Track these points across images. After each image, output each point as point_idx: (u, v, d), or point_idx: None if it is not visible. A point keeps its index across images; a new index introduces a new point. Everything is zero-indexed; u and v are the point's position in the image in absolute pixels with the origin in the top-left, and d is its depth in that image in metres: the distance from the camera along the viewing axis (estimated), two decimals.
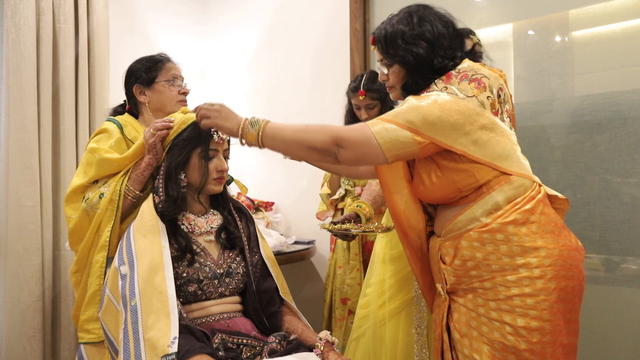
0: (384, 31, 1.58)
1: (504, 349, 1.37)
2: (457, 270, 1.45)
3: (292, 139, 1.48)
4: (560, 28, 2.51)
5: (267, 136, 1.48)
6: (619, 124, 2.30)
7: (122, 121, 1.97)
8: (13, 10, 2.70)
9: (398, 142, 1.39)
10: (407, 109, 1.42)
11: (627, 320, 2.27)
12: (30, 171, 2.73)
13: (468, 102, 1.42)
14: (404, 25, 1.54)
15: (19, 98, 2.71)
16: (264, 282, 1.82)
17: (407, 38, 1.52)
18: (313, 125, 1.48)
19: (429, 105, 1.40)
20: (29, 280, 2.72)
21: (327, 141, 1.43)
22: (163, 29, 3.64)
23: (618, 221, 2.29)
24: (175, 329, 1.44)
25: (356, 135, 1.42)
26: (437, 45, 1.52)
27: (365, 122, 1.44)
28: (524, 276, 1.36)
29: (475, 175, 1.42)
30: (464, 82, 1.46)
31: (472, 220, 1.43)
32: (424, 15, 1.55)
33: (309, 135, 1.46)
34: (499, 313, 1.38)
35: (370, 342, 1.92)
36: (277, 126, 1.50)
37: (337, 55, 3.25)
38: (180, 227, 1.74)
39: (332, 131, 1.44)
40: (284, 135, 1.48)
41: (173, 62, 2.06)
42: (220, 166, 1.78)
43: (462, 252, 1.43)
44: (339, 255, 2.76)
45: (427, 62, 1.51)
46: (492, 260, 1.39)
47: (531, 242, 1.37)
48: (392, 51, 1.55)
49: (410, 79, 1.55)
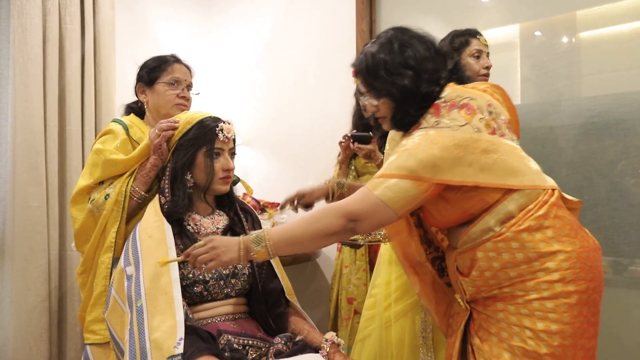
0: (364, 63, 1.52)
1: (524, 354, 1.35)
2: (475, 280, 1.43)
3: (306, 236, 1.42)
4: (568, 29, 2.50)
5: (278, 247, 1.42)
6: (628, 125, 2.28)
7: (127, 122, 1.97)
8: (19, 10, 2.71)
9: (404, 196, 1.36)
10: (404, 157, 1.38)
11: (635, 323, 2.25)
12: (37, 172, 2.73)
13: (463, 132, 1.38)
14: (385, 54, 1.48)
15: (25, 98, 2.71)
16: (270, 283, 1.82)
17: (390, 68, 1.47)
18: (317, 212, 1.43)
19: (425, 147, 1.36)
20: (36, 280, 2.72)
21: (342, 222, 1.39)
22: (169, 30, 3.64)
23: (626, 223, 2.28)
24: (181, 329, 1.44)
25: (364, 205, 1.38)
26: (422, 70, 1.46)
27: (366, 186, 1.40)
28: (542, 280, 1.34)
29: (485, 198, 1.40)
30: (453, 112, 1.42)
31: (486, 230, 1.40)
32: (404, 41, 1.49)
33: (321, 224, 1.40)
34: (518, 317, 1.36)
35: (376, 344, 1.92)
36: (282, 232, 1.43)
37: (343, 56, 3.24)
38: (186, 227, 1.74)
39: (340, 211, 1.40)
40: (294, 236, 1.42)
41: (181, 65, 2.04)
42: (226, 165, 1.77)
43: (479, 264, 1.41)
44: (345, 255, 2.78)
45: (414, 91, 1.46)
46: (510, 268, 1.37)
47: (547, 247, 1.35)
48: (377, 84, 1.50)
49: (399, 111, 1.50)
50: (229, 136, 1.77)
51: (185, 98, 2.01)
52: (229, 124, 1.79)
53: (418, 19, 3.05)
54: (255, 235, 1.44)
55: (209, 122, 1.76)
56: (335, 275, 2.83)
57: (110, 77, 3.02)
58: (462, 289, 1.49)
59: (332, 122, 3.26)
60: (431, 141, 1.36)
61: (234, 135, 1.81)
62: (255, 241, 1.43)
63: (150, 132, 1.80)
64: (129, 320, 1.52)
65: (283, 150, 3.64)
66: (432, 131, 1.39)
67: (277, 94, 3.64)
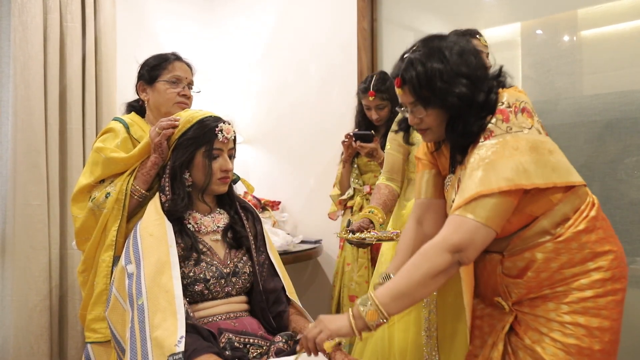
0: (413, 72, 1.41)
1: (579, 352, 1.36)
2: (529, 282, 1.42)
3: (413, 285, 1.34)
4: (569, 27, 2.49)
5: (389, 305, 1.34)
6: (629, 123, 2.28)
7: (128, 120, 1.97)
8: (20, 9, 2.71)
9: (499, 210, 1.33)
10: (494, 169, 1.34)
11: (635, 321, 2.25)
12: (37, 170, 2.74)
13: (532, 135, 1.37)
14: (437, 62, 1.39)
15: (26, 97, 2.72)
16: (271, 281, 1.82)
17: (446, 77, 1.38)
18: (416, 259, 1.35)
19: (509, 154, 1.34)
20: (37, 279, 2.73)
21: (447, 258, 1.33)
22: (170, 28, 3.64)
23: (627, 222, 2.27)
24: (182, 328, 1.44)
25: (463, 233, 1.33)
26: (475, 77, 1.41)
27: (456, 212, 1.35)
28: (596, 279, 1.37)
29: (551, 199, 1.40)
30: (519, 116, 1.40)
31: (541, 233, 1.40)
32: (453, 48, 1.42)
33: (425, 268, 1.33)
34: (572, 316, 1.37)
35: (379, 342, 1.92)
36: (388, 289, 1.35)
37: (345, 54, 3.24)
38: (187, 226, 1.74)
39: (441, 247, 1.34)
40: (400, 289, 1.34)
41: (182, 63, 2.03)
42: (224, 166, 1.75)
43: (537, 265, 1.40)
44: (347, 253, 2.80)
45: (471, 99, 1.39)
46: (566, 268, 1.39)
47: (601, 247, 1.39)
48: (429, 94, 1.41)
49: (459, 121, 1.42)
50: (229, 137, 1.76)
51: (186, 96, 2.01)
52: (229, 125, 1.77)
53: (419, 18, 3.05)
54: (361, 299, 1.37)
55: (209, 122, 1.75)
56: (338, 272, 2.85)
57: (111, 75, 3.02)
58: (506, 291, 1.48)
59: (333, 120, 3.26)
60: (512, 147, 1.34)
61: (233, 136, 1.79)
62: (362, 303, 1.36)
63: (151, 131, 1.80)
64: (130, 319, 1.52)
65: (284, 148, 3.64)
66: (508, 137, 1.36)
67: (278, 92, 3.64)
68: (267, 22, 3.71)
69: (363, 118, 2.76)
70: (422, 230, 1.64)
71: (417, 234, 1.64)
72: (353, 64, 3.20)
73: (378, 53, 3.16)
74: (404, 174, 2.17)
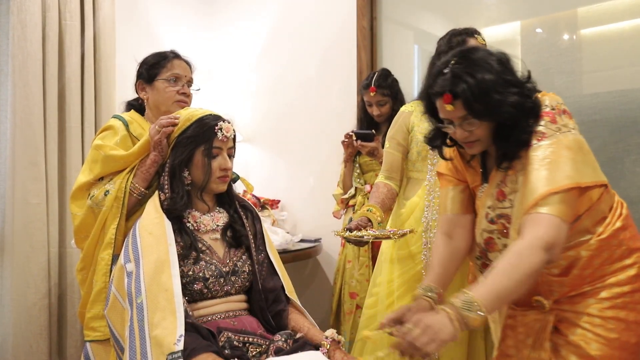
0: (465, 85, 1.38)
1: (621, 346, 1.39)
2: (574, 279, 1.45)
3: (512, 285, 1.32)
4: (569, 26, 2.49)
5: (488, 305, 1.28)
6: (629, 122, 2.28)
7: (127, 118, 1.96)
8: (19, 7, 2.70)
9: (572, 205, 1.36)
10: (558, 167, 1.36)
11: None
12: (36, 168, 2.73)
13: (577, 135, 1.41)
14: (486, 73, 1.38)
15: (24, 95, 2.71)
16: (270, 280, 1.81)
17: (499, 88, 1.38)
18: (511, 259, 1.33)
19: (566, 152, 1.36)
20: (35, 277, 2.73)
21: (543, 256, 1.32)
22: (169, 26, 3.64)
23: None
24: (181, 327, 1.44)
25: (552, 230, 1.33)
26: (520, 84, 1.42)
27: (537, 210, 1.34)
28: (633, 274, 1.43)
29: (592, 196, 1.43)
30: (564, 117, 1.42)
31: (583, 232, 1.44)
32: (490, 57, 1.42)
33: (524, 268, 1.31)
34: (614, 311, 1.41)
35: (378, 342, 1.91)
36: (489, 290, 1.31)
37: (344, 53, 3.24)
38: (186, 224, 1.73)
39: (538, 246, 1.32)
40: (502, 290, 1.31)
41: (181, 61, 2.02)
42: (223, 164, 1.75)
43: (582, 262, 1.44)
44: (348, 251, 2.81)
45: (522, 106, 1.39)
46: (607, 264, 1.44)
47: (635, 243, 1.46)
48: (481, 106, 1.38)
49: (508, 129, 1.42)
50: (228, 136, 1.75)
51: (186, 94, 2.00)
52: (229, 123, 1.77)
53: (419, 16, 3.05)
54: (462, 302, 1.29)
55: (208, 121, 1.74)
56: (339, 270, 2.87)
57: (110, 73, 3.01)
58: (548, 290, 1.49)
59: (333, 119, 3.26)
60: (565, 146, 1.37)
61: (233, 134, 1.79)
62: (465, 308, 1.29)
63: (151, 128, 1.79)
64: (129, 317, 1.52)
65: (283, 147, 3.64)
66: (560, 136, 1.39)
67: (278, 91, 3.64)
68: (266, 21, 3.70)
69: (365, 114, 2.81)
70: (453, 244, 1.63)
71: (449, 247, 1.63)
72: (353, 62, 3.19)
73: (378, 52, 3.16)
74: (403, 173, 2.17)
